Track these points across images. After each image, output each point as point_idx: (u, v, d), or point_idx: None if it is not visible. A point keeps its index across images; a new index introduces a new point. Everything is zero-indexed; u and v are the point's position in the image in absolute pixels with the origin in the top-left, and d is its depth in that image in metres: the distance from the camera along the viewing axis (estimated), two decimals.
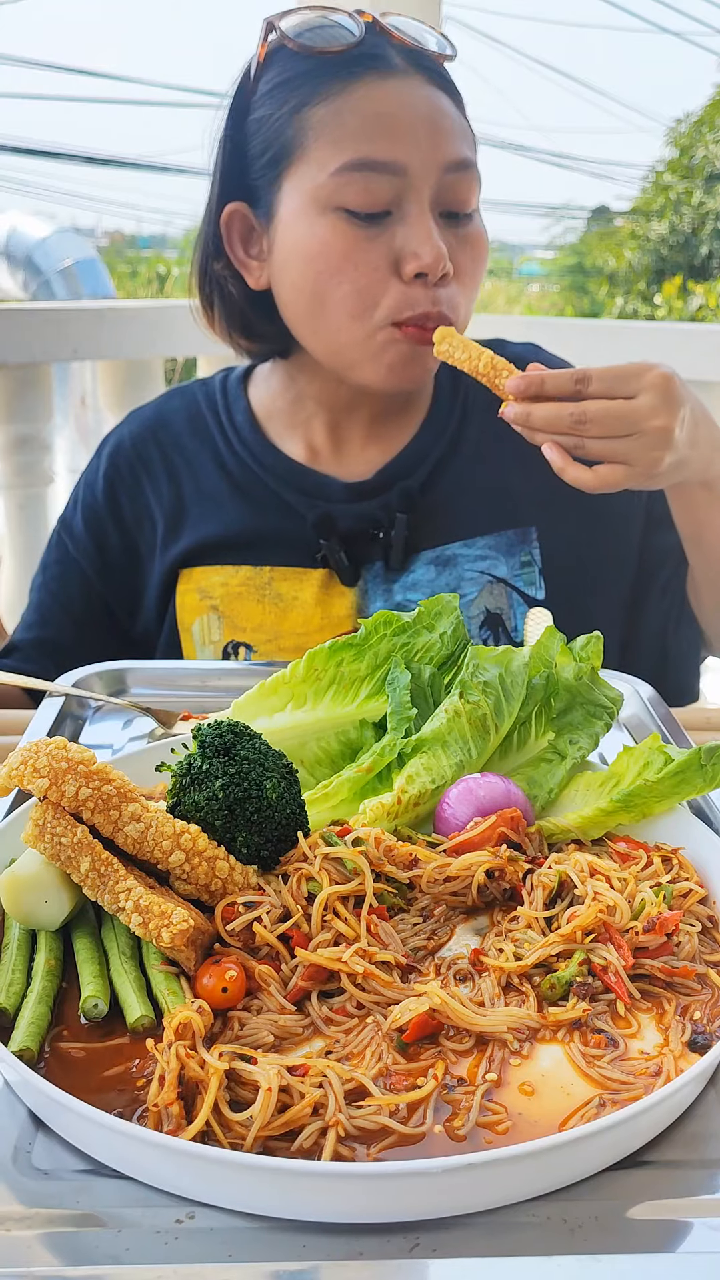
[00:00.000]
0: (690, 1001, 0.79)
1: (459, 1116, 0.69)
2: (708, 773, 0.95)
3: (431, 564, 1.55)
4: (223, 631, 1.57)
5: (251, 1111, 0.66)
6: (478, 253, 1.46)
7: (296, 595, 1.54)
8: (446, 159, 1.39)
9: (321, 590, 1.54)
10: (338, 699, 1.03)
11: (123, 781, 0.85)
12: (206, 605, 1.57)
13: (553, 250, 29.98)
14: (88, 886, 0.81)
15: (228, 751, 0.89)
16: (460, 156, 1.40)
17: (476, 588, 1.55)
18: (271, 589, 1.55)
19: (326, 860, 0.86)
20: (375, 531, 1.54)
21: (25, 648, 1.63)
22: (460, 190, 1.41)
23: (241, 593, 1.56)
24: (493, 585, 1.56)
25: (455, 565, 1.55)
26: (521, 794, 0.96)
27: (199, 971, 0.79)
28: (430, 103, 1.40)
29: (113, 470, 1.65)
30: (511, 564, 1.57)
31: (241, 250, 1.51)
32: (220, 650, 1.57)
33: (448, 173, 1.39)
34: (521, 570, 1.58)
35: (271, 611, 1.55)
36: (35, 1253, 0.60)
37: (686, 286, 18.55)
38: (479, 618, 1.56)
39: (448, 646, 1.07)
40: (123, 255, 30.87)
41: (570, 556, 1.59)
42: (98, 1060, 0.73)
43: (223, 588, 1.56)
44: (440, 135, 1.39)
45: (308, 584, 1.54)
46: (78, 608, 1.65)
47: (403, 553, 1.53)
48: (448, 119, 1.41)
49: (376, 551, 1.54)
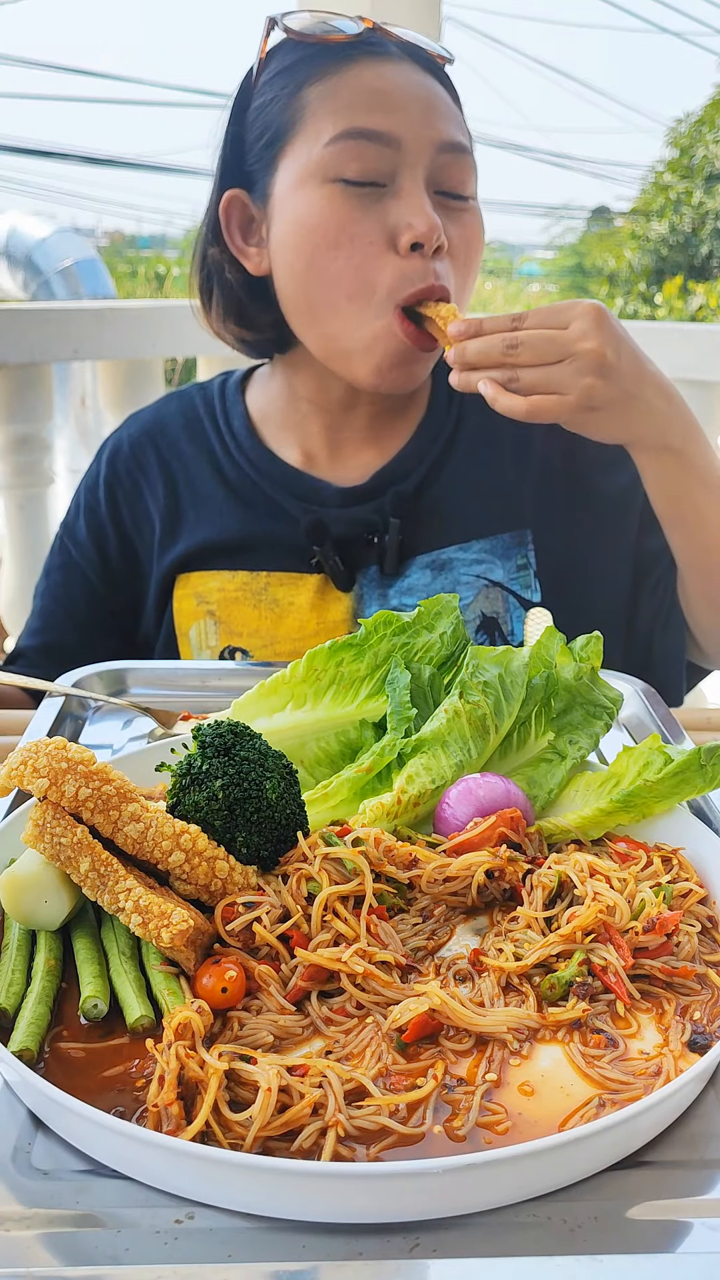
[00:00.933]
0: (690, 1002, 0.79)
1: (459, 1117, 0.69)
2: (708, 773, 0.95)
3: (427, 568, 1.55)
4: (219, 637, 1.57)
5: (251, 1112, 0.66)
6: (472, 235, 1.46)
7: (292, 600, 1.54)
8: (440, 138, 1.40)
9: (317, 595, 1.54)
10: (337, 699, 1.03)
11: (122, 781, 0.85)
12: (203, 610, 1.57)
13: (552, 250, 29.99)
14: (87, 887, 0.81)
15: (228, 751, 0.89)
16: (454, 139, 1.41)
17: (472, 592, 1.55)
18: (268, 594, 1.55)
19: (326, 860, 0.86)
20: (369, 536, 1.54)
21: (30, 654, 1.64)
22: (454, 171, 1.42)
23: (238, 598, 1.56)
24: (489, 589, 1.56)
25: (451, 569, 1.55)
26: (521, 794, 0.96)
27: (199, 971, 0.79)
28: (424, 85, 1.42)
29: (111, 475, 1.65)
30: (508, 567, 1.57)
31: (240, 238, 1.51)
32: (217, 655, 1.57)
33: (441, 152, 1.40)
34: (518, 574, 1.58)
35: (267, 617, 1.55)
36: (35, 1253, 0.60)
37: (687, 286, 18.55)
38: (475, 622, 1.55)
39: (447, 646, 1.07)
40: (123, 255, 30.87)
41: (566, 559, 1.58)
42: (97, 1060, 0.73)
43: (219, 593, 1.56)
44: (434, 114, 1.40)
45: (303, 589, 1.54)
46: (81, 613, 1.65)
47: (397, 557, 1.53)
48: (442, 103, 1.42)
49: (371, 556, 1.54)
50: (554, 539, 1.58)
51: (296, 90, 1.42)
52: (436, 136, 1.39)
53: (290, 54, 1.44)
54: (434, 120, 1.40)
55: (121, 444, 1.67)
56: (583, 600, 1.59)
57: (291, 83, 1.43)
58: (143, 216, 41.02)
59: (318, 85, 1.40)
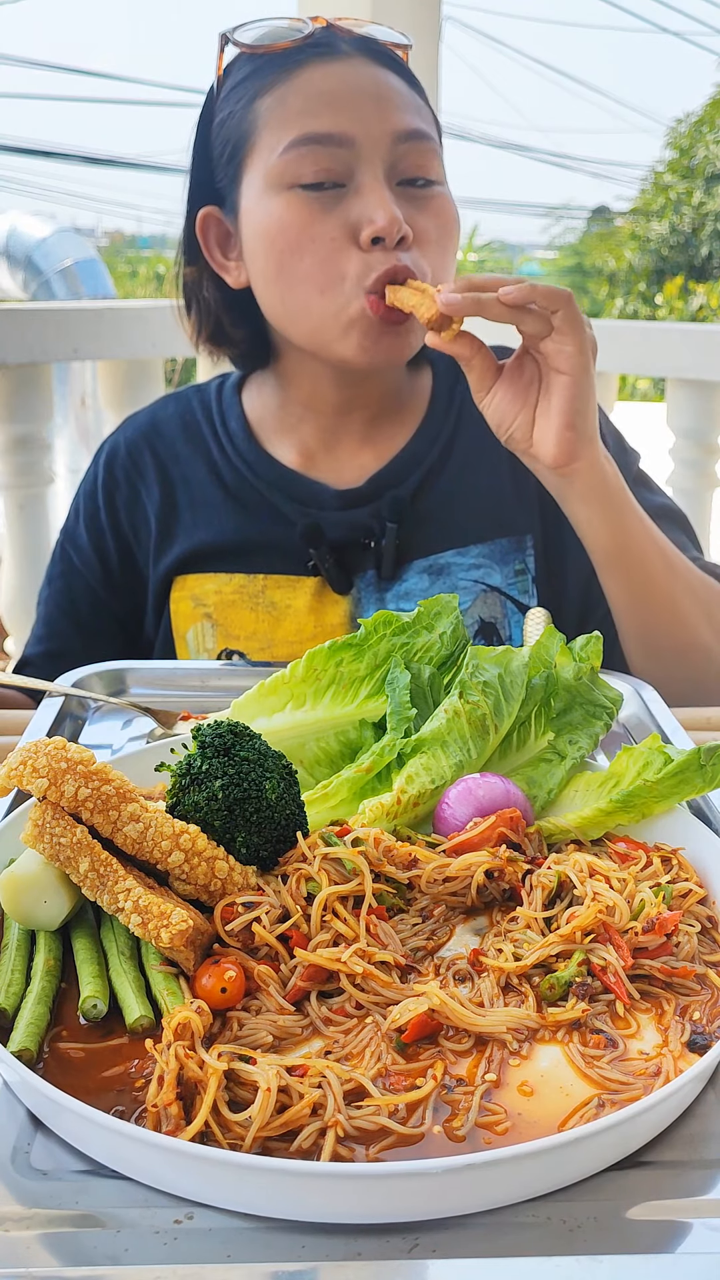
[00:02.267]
0: (690, 1002, 0.79)
1: (458, 1117, 0.69)
2: (707, 773, 0.95)
3: (425, 573, 1.55)
4: (216, 640, 1.57)
5: (250, 1112, 0.66)
6: (442, 220, 1.45)
7: (290, 604, 1.54)
8: (396, 129, 1.40)
9: (315, 599, 1.54)
10: (337, 699, 1.03)
11: (122, 781, 0.85)
12: (200, 613, 1.57)
13: (553, 250, 29.99)
14: (87, 887, 0.81)
15: (227, 752, 0.89)
16: (410, 126, 1.41)
17: (470, 597, 1.55)
18: (265, 597, 1.55)
19: (325, 860, 0.86)
20: (366, 540, 1.54)
21: (37, 660, 1.64)
22: (414, 158, 1.42)
23: (235, 601, 1.56)
24: (487, 594, 1.56)
25: (449, 574, 1.55)
26: (521, 794, 0.96)
27: (198, 971, 0.79)
28: (375, 79, 1.42)
29: (109, 480, 1.65)
30: (505, 572, 1.57)
31: (219, 253, 1.53)
32: (214, 658, 1.57)
33: (399, 142, 1.40)
34: (515, 579, 1.57)
35: (265, 620, 1.55)
36: (34, 1253, 0.60)
37: (687, 287, 18.56)
38: (473, 627, 1.55)
39: (447, 646, 1.07)
40: (123, 255, 30.88)
41: (562, 564, 1.59)
42: (97, 1061, 0.73)
43: (216, 595, 1.56)
44: (387, 107, 1.40)
45: (301, 592, 1.54)
46: (85, 618, 1.65)
47: (394, 561, 1.53)
48: (395, 93, 1.42)
49: (368, 560, 1.54)
50: (551, 543, 1.58)
51: (250, 102, 1.44)
52: (391, 128, 1.39)
53: (244, 67, 1.46)
54: (387, 112, 1.40)
55: (119, 447, 1.67)
56: (579, 604, 1.60)
57: (245, 95, 1.45)
58: (143, 216, 40.98)
59: (268, 96, 1.42)
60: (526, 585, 1.58)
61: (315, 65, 1.41)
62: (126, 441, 1.67)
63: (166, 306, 1.72)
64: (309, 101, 1.39)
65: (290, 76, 1.41)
